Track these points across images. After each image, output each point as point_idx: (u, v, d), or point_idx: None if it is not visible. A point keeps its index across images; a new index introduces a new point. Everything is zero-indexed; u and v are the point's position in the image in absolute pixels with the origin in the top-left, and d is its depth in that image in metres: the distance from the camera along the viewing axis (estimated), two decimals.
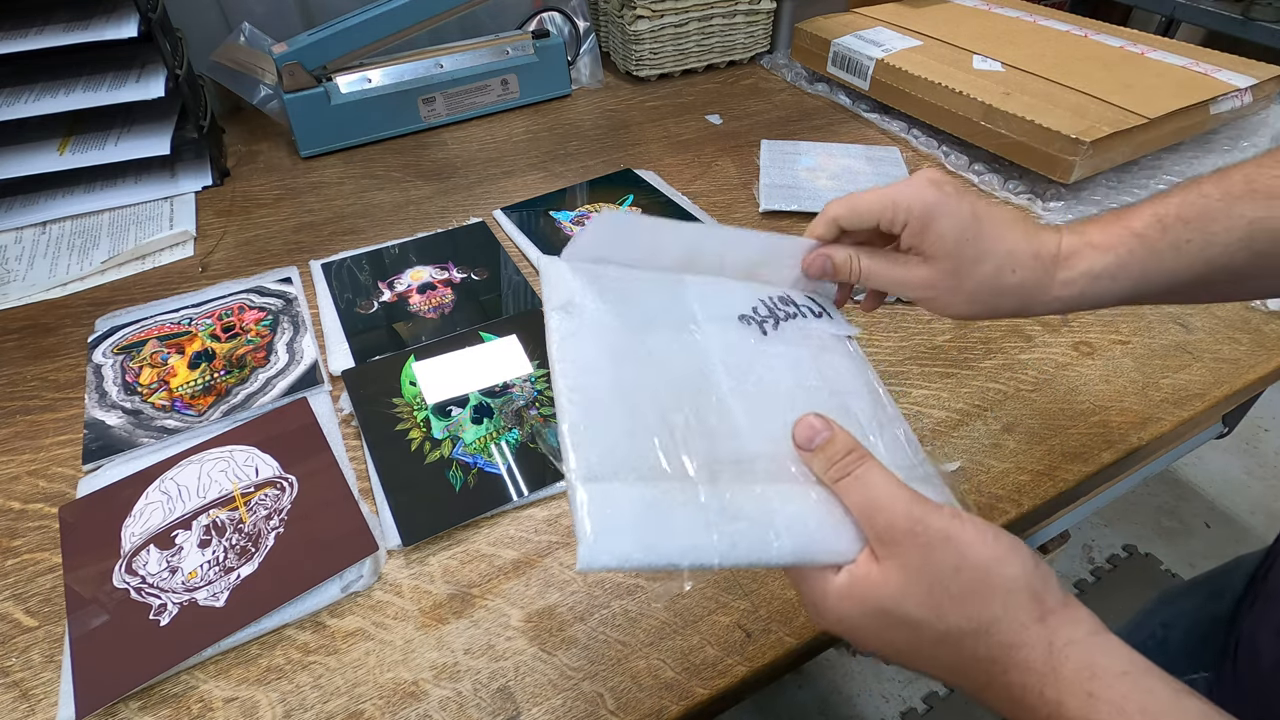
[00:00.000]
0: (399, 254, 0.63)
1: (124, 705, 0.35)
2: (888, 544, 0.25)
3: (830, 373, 0.35)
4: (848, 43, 0.86)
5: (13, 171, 0.66)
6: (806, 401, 0.32)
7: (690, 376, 0.31)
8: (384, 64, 0.81)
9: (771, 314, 0.36)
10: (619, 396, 0.29)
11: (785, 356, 0.34)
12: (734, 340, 0.34)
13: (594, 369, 0.29)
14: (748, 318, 0.35)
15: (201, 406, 0.49)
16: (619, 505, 0.25)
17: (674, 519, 0.26)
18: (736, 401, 0.31)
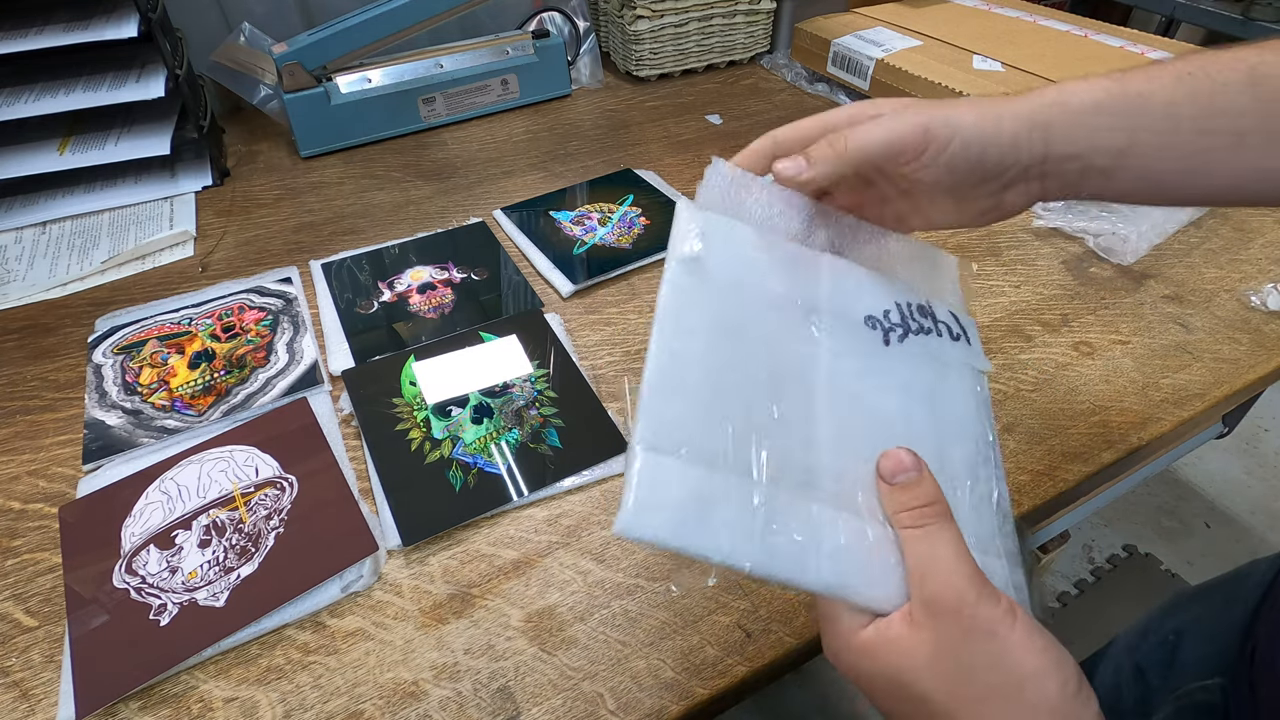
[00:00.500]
0: (399, 254, 0.63)
1: (124, 705, 0.35)
2: (931, 613, 0.24)
3: (942, 408, 0.31)
4: (848, 43, 0.86)
5: (13, 171, 0.66)
6: (903, 433, 0.29)
7: (790, 371, 0.29)
8: (384, 64, 0.81)
9: (903, 323, 0.32)
10: (709, 371, 0.27)
11: (899, 376, 0.31)
12: (851, 344, 0.31)
13: (693, 333, 0.28)
14: (875, 320, 0.32)
15: (201, 406, 0.49)
16: (670, 483, 0.25)
17: (721, 514, 0.25)
18: (827, 411, 0.29)
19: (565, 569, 0.40)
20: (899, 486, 0.26)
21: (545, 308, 0.57)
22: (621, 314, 0.57)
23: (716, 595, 0.39)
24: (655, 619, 0.38)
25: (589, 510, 0.43)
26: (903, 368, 0.31)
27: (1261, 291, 0.57)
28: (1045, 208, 0.67)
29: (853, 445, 0.28)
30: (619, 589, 0.39)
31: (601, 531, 0.42)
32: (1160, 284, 0.59)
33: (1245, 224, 0.65)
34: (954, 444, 0.30)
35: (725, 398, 0.27)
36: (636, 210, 0.68)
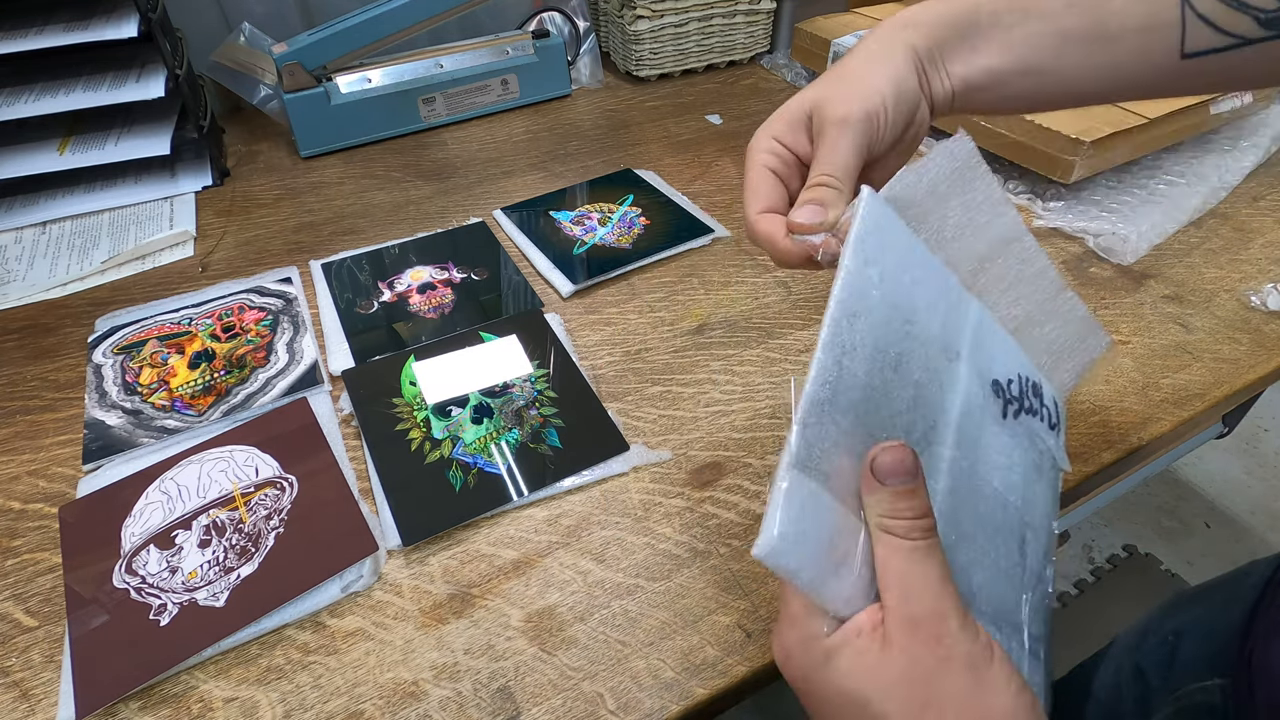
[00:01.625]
0: (399, 254, 0.63)
1: (124, 705, 0.35)
2: (909, 634, 0.23)
3: (1030, 497, 0.30)
4: (848, 43, 0.86)
5: (13, 171, 0.66)
6: (999, 518, 0.28)
7: (929, 416, 0.27)
8: (384, 64, 0.81)
9: (1020, 399, 0.30)
10: (866, 397, 0.25)
11: (1005, 456, 0.29)
12: (977, 404, 0.28)
13: (858, 350, 0.25)
14: (1000, 388, 0.29)
15: (201, 406, 0.49)
16: (813, 515, 0.23)
17: (849, 566, 0.24)
18: (948, 470, 0.27)
19: (565, 569, 0.40)
20: (895, 490, 0.24)
21: (545, 308, 0.57)
22: (621, 314, 0.57)
23: (716, 595, 0.39)
24: (655, 619, 0.38)
25: (589, 510, 0.43)
26: (1010, 447, 0.29)
27: (1261, 291, 0.57)
28: (1045, 207, 0.67)
29: (959, 519, 0.26)
30: (619, 589, 0.39)
31: (601, 531, 0.42)
32: (1160, 284, 0.59)
33: (1245, 224, 0.65)
34: (1035, 540, 0.29)
35: (872, 431, 0.25)
36: (636, 210, 0.68)
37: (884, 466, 0.24)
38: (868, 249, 0.26)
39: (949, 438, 0.27)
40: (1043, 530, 0.30)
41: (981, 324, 0.30)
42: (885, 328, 0.26)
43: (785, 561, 0.22)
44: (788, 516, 0.23)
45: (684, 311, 0.57)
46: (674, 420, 0.49)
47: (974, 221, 0.30)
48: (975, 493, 0.27)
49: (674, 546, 0.41)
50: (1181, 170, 0.70)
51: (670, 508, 0.43)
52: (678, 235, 0.64)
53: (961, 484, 0.27)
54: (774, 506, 0.23)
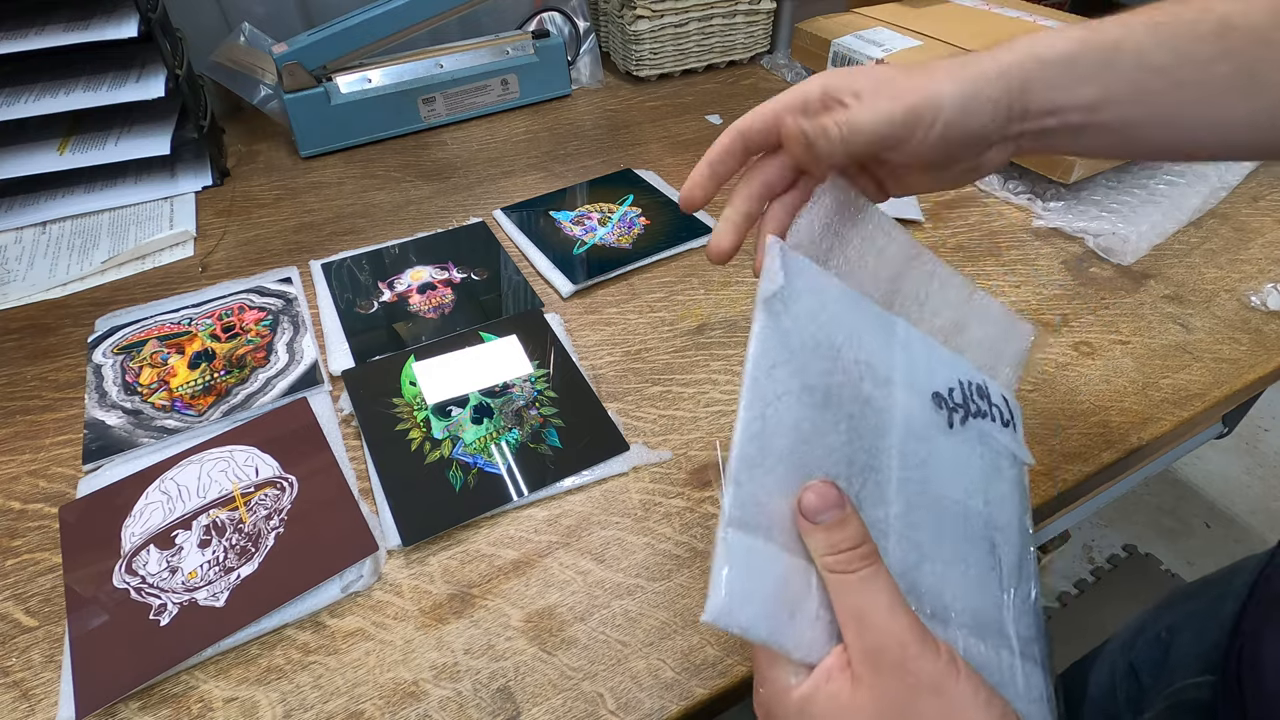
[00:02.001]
0: (399, 254, 0.63)
1: (124, 705, 0.35)
2: (874, 668, 0.23)
3: (994, 499, 0.30)
4: (848, 43, 0.86)
5: (13, 171, 0.66)
6: (961, 528, 0.28)
7: (866, 449, 0.27)
8: (384, 64, 0.81)
9: (965, 405, 0.30)
10: (796, 442, 0.25)
11: (959, 463, 0.29)
12: (919, 422, 0.29)
13: (783, 396, 0.26)
14: (942, 399, 0.30)
15: (201, 406, 0.49)
16: (762, 571, 0.24)
17: (806, 610, 0.24)
18: (897, 493, 0.27)
19: (565, 569, 0.40)
20: (824, 526, 0.24)
21: (545, 308, 0.57)
22: (621, 314, 0.57)
23: None
24: (655, 619, 0.38)
25: (589, 510, 0.43)
26: (963, 454, 0.29)
27: (1261, 291, 0.57)
28: (1045, 207, 0.67)
29: (918, 539, 0.27)
30: (619, 589, 0.39)
31: (601, 531, 0.42)
32: (1160, 284, 0.59)
33: (1245, 224, 0.65)
34: (1003, 543, 0.29)
35: (810, 472, 0.25)
36: (636, 210, 0.68)
37: (809, 506, 0.24)
38: (780, 298, 0.27)
39: (894, 462, 0.27)
40: (1013, 528, 0.30)
41: (910, 341, 0.30)
42: (808, 368, 0.26)
43: (736, 620, 0.23)
44: (732, 578, 0.23)
45: (684, 311, 0.57)
46: (674, 420, 0.49)
47: (873, 247, 0.31)
48: (933, 508, 0.28)
49: (674, 546, 0.41)
50: (1181, 170, 0.70)
51: (670, 508, 0.43)
52: (678, 235, 0.64)
53: (916, 503, 0.27)
54: (718, 569, 0.23)
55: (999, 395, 0.32)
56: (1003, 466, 0.31)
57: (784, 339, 0.26)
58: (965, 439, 0.30)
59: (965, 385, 0.31)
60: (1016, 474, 0.31)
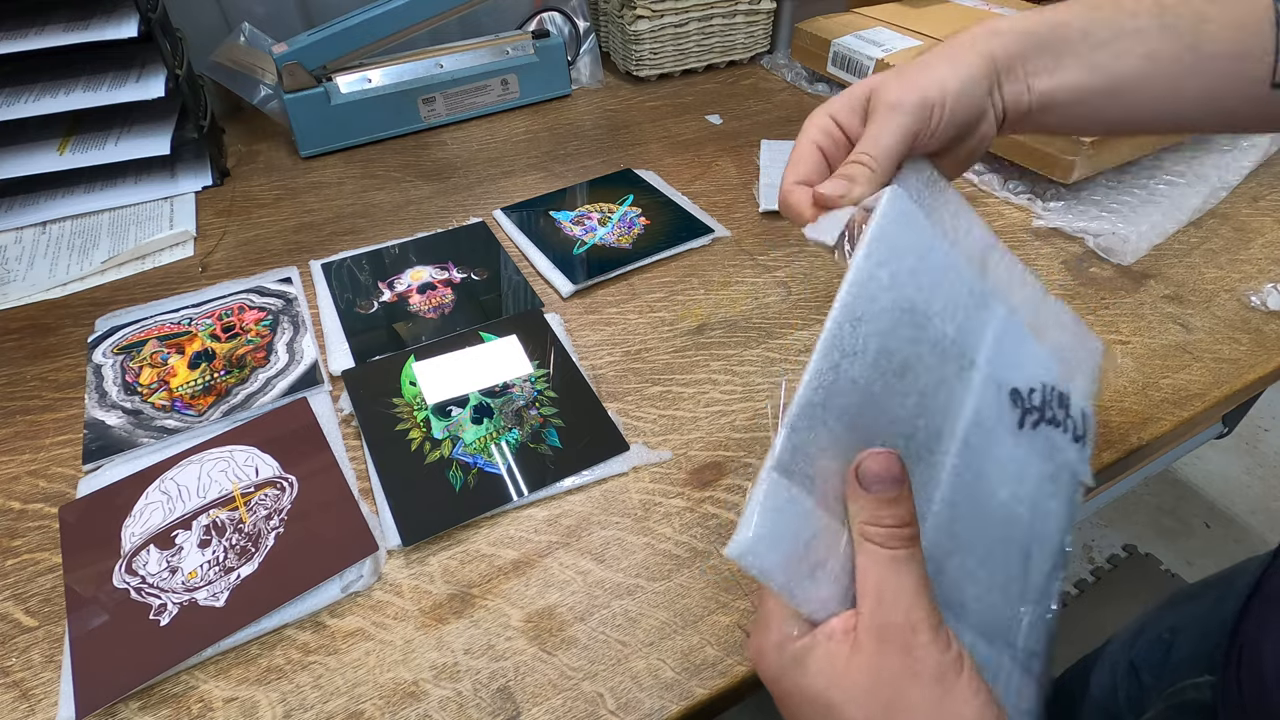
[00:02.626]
0: (399, 254, 0.63)
1: (124, 705, 0.35)
2: (880, 641, 0.23)
3: (1042, 513, 0.29)
4: (848, 43, 0.86)
5: (13, 171, 0.66)
6: (1001, 531, 0.27)
7: (933, 424, 0.26)
8: (384, 64, 0.81)
9: (1041, 409, 0.29)
10: (864, 403, 0.25)
11: (1017, 466, 0.28)
12: (990, 415, 0.27)
13: (861, 354, 0.25)
14: (1020, 398, 0.28)
15: (201, 406, 0.49)
16: (794, 518, 0.23)
17: (829, 569, 0.24)
18: (949, 480, 0.26)
19: (565, 569, 0.40)
20: (878, 497, 0.24)
21: (545, 308, 0.57)
22: (621, 314, 0.57)
23: (716, 595, 0.39)
24: (655, 619, 0.38)
25: (589, 510, 0.43)
26: (1027, 457, 0.28)
27: (1261, 291, 0.57)
28: (1045, 207, 0.67)
29: (956, 530, 0.26)
30: (619, 589, 0.39)
31: (601, 531, 0.42)
32: (1160, 284, 0.59)
33: (1245, 224, 0.65)
34: (1041, 554, 0.28)
35: (868, 438, 0.25)
36: (636, 210, 0.68)
37: (869, 472, 0.24)
38: (883, 249, 0.25)
39: (953, 447, 0.26)
40: (1052, 545, 0.29)
41: (1007, 329, 0.28)
42: (893, 333, 0.25)
43: (758, 562, 0.23)
44: (764, 519, 0.23)
45: (684, 311, 0.57)
46: (674, 420, 0.49)
47: (962, 224, 0.30)
48: (978, 504, 0.27)
49: (674, 546, 0.41)
50: (1181, 170, 0.70)
51: (670, 508, 0.43)
52: (678, 235, 0.64)
53: (963, 495, 0.26)
54: (751, 507, 0.23)
55: (1079, 409, 0.30)
56: (1061, 481, 0.29)
57: (877, 294, 0.25)
58: (1031, 444, 0.28)
59: (1047, 390, 0.29)
60: (1072, 492, 0.30)
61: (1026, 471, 0.28)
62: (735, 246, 0.64)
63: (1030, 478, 0.28)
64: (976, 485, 0.27)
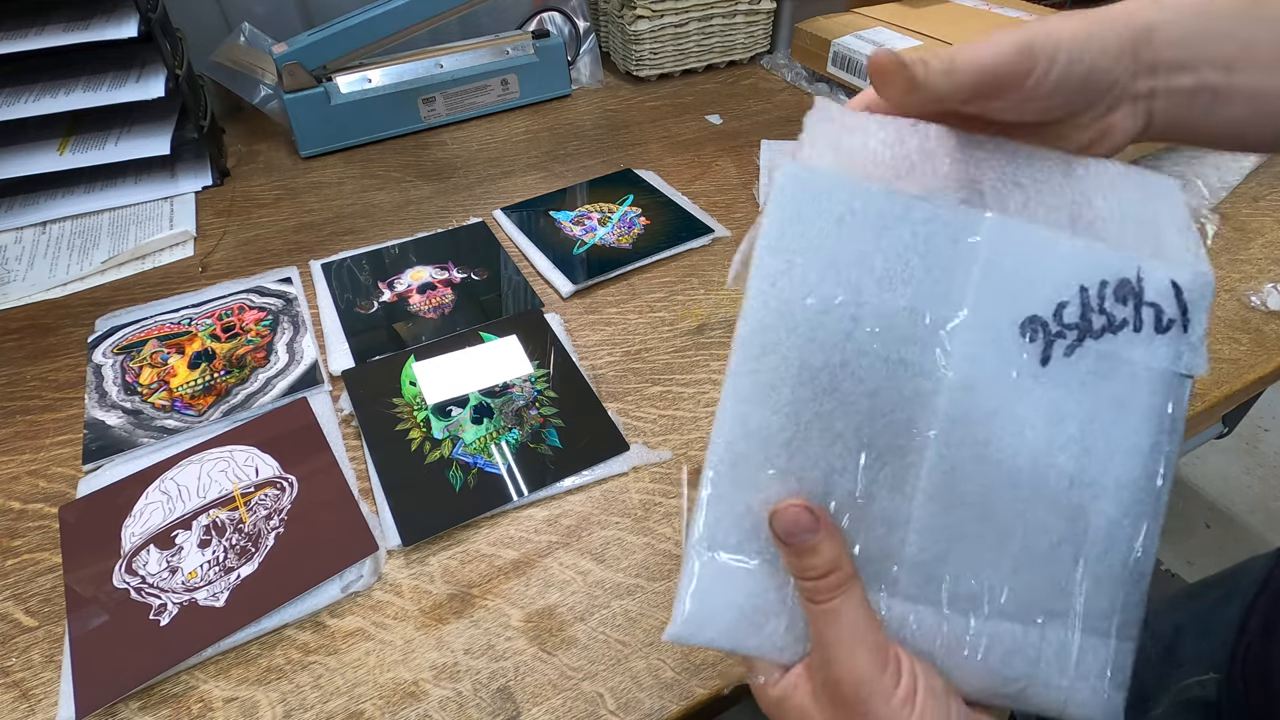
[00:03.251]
0: (399, 254, 0.63)
1: (124, 705, 0.35)
2: (829, 698, 0.23)
3: (1100, 449, 0.23)
4: (848, 43, 0.86)
5: (13, 171, 0.66)
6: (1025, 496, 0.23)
7: (897, 419, 0.23)
8: (384, 64, 0.81)
9: (1081, 323, 0.23)
10: (790, 440, 0.23)
11: (1051, 410, 0.23)
12: (989, 370, 0.23)
13: (773, 391, 0.23)
14: (1039, 326, 0.23)
15: (201, 406, 0.49)
16: (726, 585, 0.23)
17: (776, 623, 0.24)
18: (931, 474, 0.23)
19: (565, 569, 0.40)
20: (796, 548, 0.23)
21: (545, 308, 0.57)
22: (621, 314, 0.57)
23: None
24: (655, 619, 0.38)
25: (589, 510, 0.43)
26: (1059, 396, 0.23)
27: (1261, 291, 0.57)
28: None
29: (950, 520, 0.23)
30: (619, 589, 0.39)
31: (601, 531, 0.42)
32: None
33: (1245, 224, 0.65)
34: (1103, 498, 0.23)
35: (803, 474, 0.23)
36: (636, 210, 0.68)
37: (779, 529, 0.23)
38: (777, 259, 0.23)
39: (933, 431, 0.23)
40: (1126, 479, 0.23)
41: (998, 249, 0.23)
42: (813, 344, 0.23)
43: (697, 637, 0.23)
44: (696, 599, 0.23)
45: (684, 311, 0.57)
46: (674, 420, 0.49)
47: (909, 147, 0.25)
48: (987, 477, 0.23)
49: (674, 546, 0.41)
50: (1181, 170, 0.70)
51: (670, 507, 0.43)
52: (678, 235, 0.64)
53: (962, 475, 0.23)
54: (683, 586, 0.23)
55: (1160, 286, 0.23)
56: (1132, 399, 0.23)
57: (779, 315, 0.23)
58: (1068, 376, 0.23)
59: (1091, 291, 0.23)
60: (1156, 402, 0.23)
61: (1066, 414, 0.23)
62: (735, 246, 0.64)
63: (1074, 418, 0.23)
64: (983, 457, 0.23)
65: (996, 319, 0.23)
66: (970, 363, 0.23)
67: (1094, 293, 0.23)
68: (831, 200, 0.23)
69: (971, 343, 0.23)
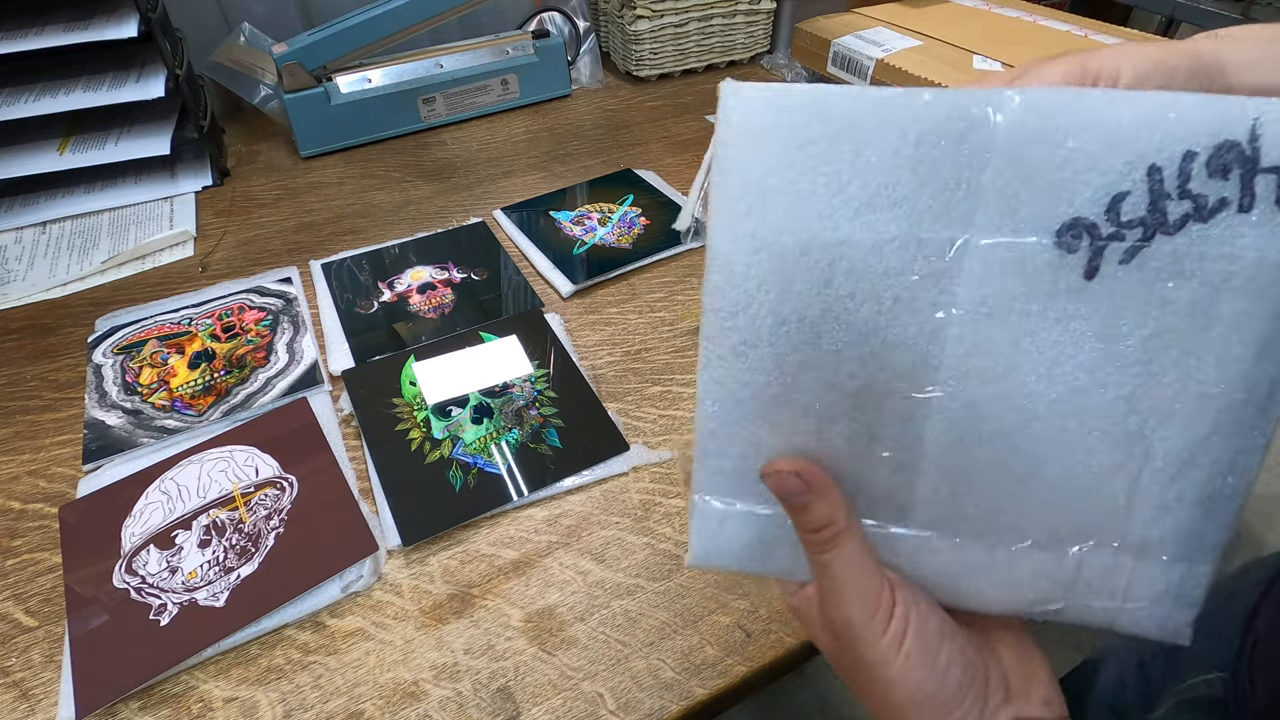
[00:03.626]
0: (399, 254, 0.63)
1: (124, 705, 0.35)
2: (831, 634, 0.25)
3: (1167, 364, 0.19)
4: (848, 43, 0.86)
5: (13, 171, 0.66)
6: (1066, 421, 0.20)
7: (890, 364, 0.21)
8: (384, 64, 0.81)
9: (1150, 217, 0.18)
10: (776, 394, 0.22)
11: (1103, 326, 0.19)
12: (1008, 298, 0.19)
13: (753, 348, 0.22)
14: (1082, 229, 0.18)
15: (201, 406, 0.49)
16: (731, 529, 0.25)
17: (779, 551, 0.25)
18: (939, 418, 0.21)
19: (565, 569, 0.40)
20: (789, 505, 0.24)
21: (545, 308, 0.57)
22: (621, 314, 0.57)
23: (716, 595, 0.39)
24: (655, 619, 0.38)
25: (589, 510, 0.43)
26: (1111, 312, 0.19)
27: None
28: None
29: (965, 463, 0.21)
30: (619, 589, 0.39)
31: (601, 531, 0.42)
32: None
33: None
34: (1174, 420, 0.19)
35: (796, 425, 0.22)
36: (636, 210, 0.68)
37: (772, 488, 0.24)
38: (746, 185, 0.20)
39: (939, 374, 0.20)
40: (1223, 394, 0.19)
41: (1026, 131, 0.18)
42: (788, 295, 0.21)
43: (714, 564, 0.25)
44: (700, 538, 0.25)
45: (684, 311, 0.57)
46: (674, 420, 0.49)
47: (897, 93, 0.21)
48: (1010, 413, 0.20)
49: (674, 546, 0.41)
50: None
51: (670, 508, 0.43)
52: (678, 235, 0.64)
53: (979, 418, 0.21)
54: (690, 525, 0.25)
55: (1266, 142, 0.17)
56: (1215, 302, 0.18)
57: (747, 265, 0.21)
58: (1128, 286, 0.18)
59: (1167, 172, 0.17)
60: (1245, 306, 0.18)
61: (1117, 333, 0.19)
62: None
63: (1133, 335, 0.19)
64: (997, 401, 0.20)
65: (1021, 231, 0.18)
66: (984, 291, 0.19)
67: (1171, 171, 0.17)
68: (792, 120, 0.20)
69: (986, 267, 0.19)
